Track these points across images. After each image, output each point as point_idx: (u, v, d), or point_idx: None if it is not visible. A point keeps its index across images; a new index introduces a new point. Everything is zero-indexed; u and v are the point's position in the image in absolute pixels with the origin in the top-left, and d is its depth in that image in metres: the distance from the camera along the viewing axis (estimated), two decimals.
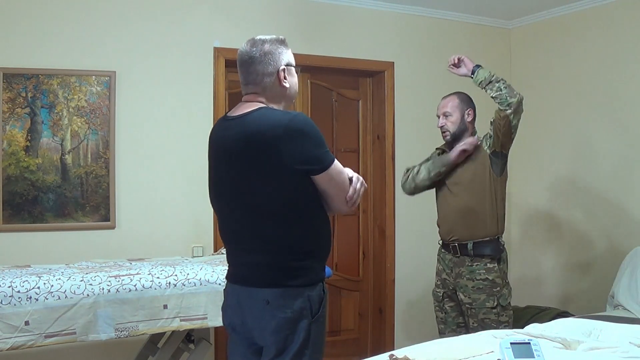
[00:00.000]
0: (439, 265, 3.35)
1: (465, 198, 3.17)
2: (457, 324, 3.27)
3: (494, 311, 3.10)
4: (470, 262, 3.16)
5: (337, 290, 4.38)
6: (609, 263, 3.96)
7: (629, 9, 3.91)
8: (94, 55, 3.51)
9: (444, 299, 3.30)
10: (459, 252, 3.19)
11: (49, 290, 2.50)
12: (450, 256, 3.24)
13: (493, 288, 3.11)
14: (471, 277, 3.14)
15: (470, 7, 4.39)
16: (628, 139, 3.94)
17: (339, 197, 1.99)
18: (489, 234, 3.15)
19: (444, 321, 3.32)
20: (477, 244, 3.15)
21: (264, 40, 2.01)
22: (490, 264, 3.14)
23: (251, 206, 1.94)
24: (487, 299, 3.10)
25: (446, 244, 3.27)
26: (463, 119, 3.22)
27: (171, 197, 3.66)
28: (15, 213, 3.36)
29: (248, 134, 1.91)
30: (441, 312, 3.32)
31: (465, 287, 3.16)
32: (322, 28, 4.12)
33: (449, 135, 3.24)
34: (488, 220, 3.15)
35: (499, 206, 3.20)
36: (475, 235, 3.15)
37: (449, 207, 3.23)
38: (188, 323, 2.74)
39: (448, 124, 3.22)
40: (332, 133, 4.39)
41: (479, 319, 3.11)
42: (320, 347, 1.99)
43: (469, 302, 3.14)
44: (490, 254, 3.14)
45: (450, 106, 3.23)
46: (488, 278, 3.12)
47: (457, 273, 3.20)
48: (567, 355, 2.13)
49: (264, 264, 1.94)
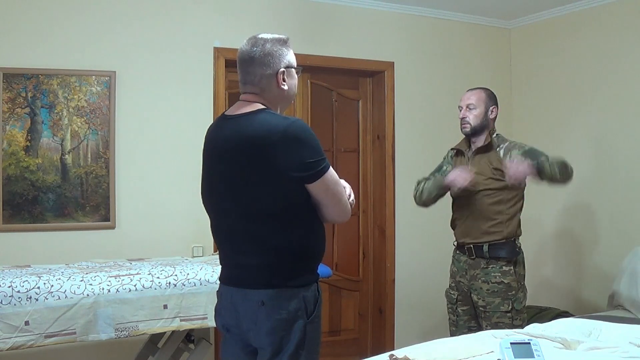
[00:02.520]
0: (454, 267, 3.30)
1: (482, 199, 3.10)
2: (469, 327, 3.21)
3: (508, 315, 3.05)
4: (485, 264, 3.11)
5: (337, 290, 4.38)
6: (609, 263, 3.96)
7: (628, 9, 3.91)
8: (94, 55, 3.51)
9: (458, 301, 3.25)
10: (474, 254, 3.14)
11: (49, 290, 2.50)
12: (466, 258, 3.19)
13: (508, 292, 3.06)
14: (486, 280, 3.09)
15: (470, 7, 4.39)
16: (627, 138, 3.93)
17: (333, 207, 1.96)
18: (505, 236, 3.10)
19: (455, 324, 3.27)
20: (492, 246, 3.09)
21: (266, 39, 1.98)
22: (506, 267, 3.08)
23: (246, 207, 1.93)
24: (501, 303, 3.05)
25: (461, 245, 3.23)
26: (486, 114, 3.15)
27: (171, 197, 3.66)
28: (15, 213, 3.36)
29: (245, 136, 1.90)
30: (453, 314, 3.28)
31: (479, 289, 3.11)
32: (322, 28, 4.12)
33: (469, 128, 3.15)
34: (505, 222, 3.10)
35: (517, 208, 3.14)
36: (491, 238, 3.10)
37: (466, 209, 3.17)
38: (188, 323, 2.74)
39: (470, 116, 3.13)
40: (332, 133, 4.39)
41: (492, 322, 3.05)
42: (316, 347, 1.99)
43: (483, 305, 3.09)
44: (506, 257, 3.08)
45: (475, 99, 3.15)
46: (503, 281, 3.06)
47: (472, 275, 3.16)
48: (567, 355, 2.13)
49: (259, 265, 1.93)
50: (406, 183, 4.36)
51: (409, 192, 4.35)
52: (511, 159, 3.01)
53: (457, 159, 3.31)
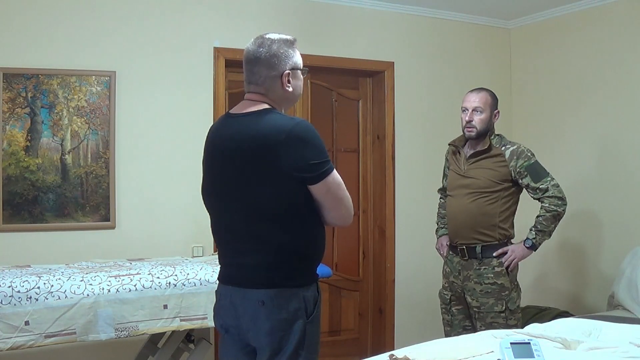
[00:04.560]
0: (447, 268, 3.30)
1: (476, 200, 3.11)
2: (464, 327, 3.22)
3: (502, 315, 3.05)
4: (478, 265, 3.12)
5: (337, 290, 4.38)
6: (609, 263, 3.96)
7: (629, 9, 3.91)
8: (94, 55, 3.51)
9: (451, 301, 3.25)
10: (467, 254, 3.15)
11: (49, 290, 2.50)
12: (458, 259, 3.20)
13: (501, 292, 3.07)
14: (479, 281, 3.10)
15: (470, 7, 4.39)
16: (627, 138, 3.93)
17: (334, 210, 1.96)
18: (498, 238, 3.10)
19: (450, 324, 3.27)
20: (485, 247, 3.10)
21: (273, 40, 1.98)
22: (498, 268, 3.09)
23: (247, 206, 1.93)
24: (495, 303, 3.06)
25: (454, 246, 3.23)
26: (491, 119, 3.13)
27: (171, 197, 3.66)
28: (15, 213, 3.36)
29: (251, 135, 1.90)
30: (447, 314, 3.28)
31: (473, 290, 3.12)
32: (322, 28, 4.11)
33: (474, 132, 3.10)
34: (498, 224, 3.10)
35: (511, 210, 3.14)
36: (484, 239, 3.10)
37: (459, 210, 3.17)
38: (188, 323, 2.74)
39: (477, 120, 3.08)
40: (332, 133, 4.39)
41: (486, 322, 3.06)
42: (315, 347, 1.99)
43: (477, 305, 3.10)
44: (498, 258, 3.09)
45: (482, 102, 3.10)
46: (497, 282, 3.07)
47: (465, 276, 3.16)
48: (567, 355, 2.13)
49: (259, 265, 1.93)
50: (406, 183, 4.37)
51: (409, 192, 4.39)
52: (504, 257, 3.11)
53: (454, 157, 3.31)
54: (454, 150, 3.31)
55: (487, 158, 3.13)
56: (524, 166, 3.06)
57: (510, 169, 3.08)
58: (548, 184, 3.05)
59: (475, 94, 3.15)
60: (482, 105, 3.10)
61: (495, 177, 3.09)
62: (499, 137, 3.19)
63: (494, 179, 3.09)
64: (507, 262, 3.08)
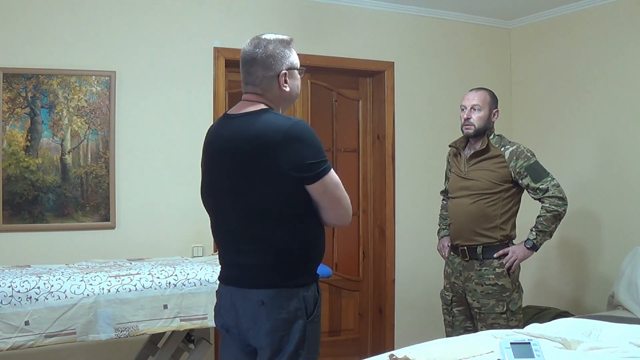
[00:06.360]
0: (448, 269, 3.30)
1: (477, 202, 3.11)
2: (465, 328, 3.21)
3: (503, 316, 3.05)
4: (479, 266, 3.11)
5: (337, 290, 4.38)
6: (609, 263, 3.96)
7: (629, 9, 3.91)
8: (94, 55, 3.51)
9: (452, 302, 3.25)
10: (467, 255, 3.14)
11: (49, 290, 2.50)
12: (459, 260, 3.20)
13: (502, 293, 3.07)
14: (480, 282, 3.10)
15: (470, 7, 4.39)
16: (628, 139, 3.93)
17: (332, 210, 1.95)
18: (499, 239, 3.10)
19: (451, 325, 3.27)
20: (486, 248, 3.10)
21: (269, 40, 1.98)
22: (499, 269, 3.08)
23: (247, 206, 1.93)
24: (496, 304, 3.06)
25: (455, 247, 3.22)
26: (490, 117, 3.13)
27: (171, 197, 3.66)
28: (15, 213, 3.36)
29: (248, 135, 1.90)
30: (449, 315, 3.28)
31: (474, 291, 3.12)
32: (322, 28, 4.12)
33: (472, 130, 3.11)
34: (499, 225, 3.10)
35: (512, 211, 3.14)
36: (485, 240, 3.10)
37: (460, 211, 3.17)
38: (188, 323, 2.74)
39: (475, 117, 3.10)
40: (332, 133, 4.39)
41: (487, 323, 3.06)
42: (316, 347, 1.99)
43: (478, 306, 3.10)
44: (499, 259, 3.09)
45: (481, 100, 3.11)
46: (497, 283, 3.07)
47: (465, 277, 3.16)
48: (567, 355, 2.13)
49: (259, 265, 1.93)
50: (406, 183, 4.37)
51: (409, 192, 4.39)
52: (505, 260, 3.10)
53: (455, 159, 3.31)
54: (454, 152, 3.31)
55: (487, 159, 3.13)
56: (523, 166, 3.06)
57: (510, 169, 3.08)
58: (548, 184, 3.05)
59: (474, 93, 3.17)
60: (480, 103, 3.11)
61: (496, 179, 3.09)
62: (498, 137, 3.19)
63: (494, 180, 3.09)
64: (508, 263, 3.08)
